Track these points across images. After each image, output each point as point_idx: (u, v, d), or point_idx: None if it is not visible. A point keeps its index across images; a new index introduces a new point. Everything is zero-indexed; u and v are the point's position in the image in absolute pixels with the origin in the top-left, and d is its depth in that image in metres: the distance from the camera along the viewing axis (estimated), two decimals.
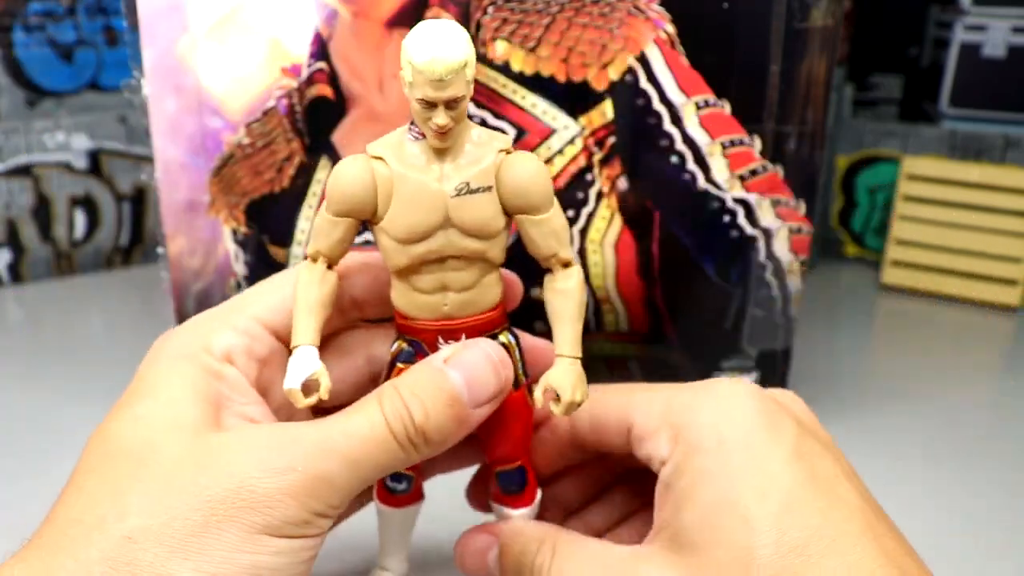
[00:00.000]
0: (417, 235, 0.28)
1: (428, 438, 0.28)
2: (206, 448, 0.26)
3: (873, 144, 0.76)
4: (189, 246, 0.44)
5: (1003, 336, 0.66)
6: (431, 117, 0.26)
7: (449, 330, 0.29)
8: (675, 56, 0.42)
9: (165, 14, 0.41)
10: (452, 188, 0.27)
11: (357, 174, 0.27)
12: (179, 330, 0.30)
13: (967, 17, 0.72)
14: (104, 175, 0.72)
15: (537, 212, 0.28)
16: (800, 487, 0.26)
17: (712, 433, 0.28)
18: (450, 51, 0.25)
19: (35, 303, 0.68)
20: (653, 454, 0.29)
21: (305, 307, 0.28)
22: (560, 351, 0.29)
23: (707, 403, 0.28)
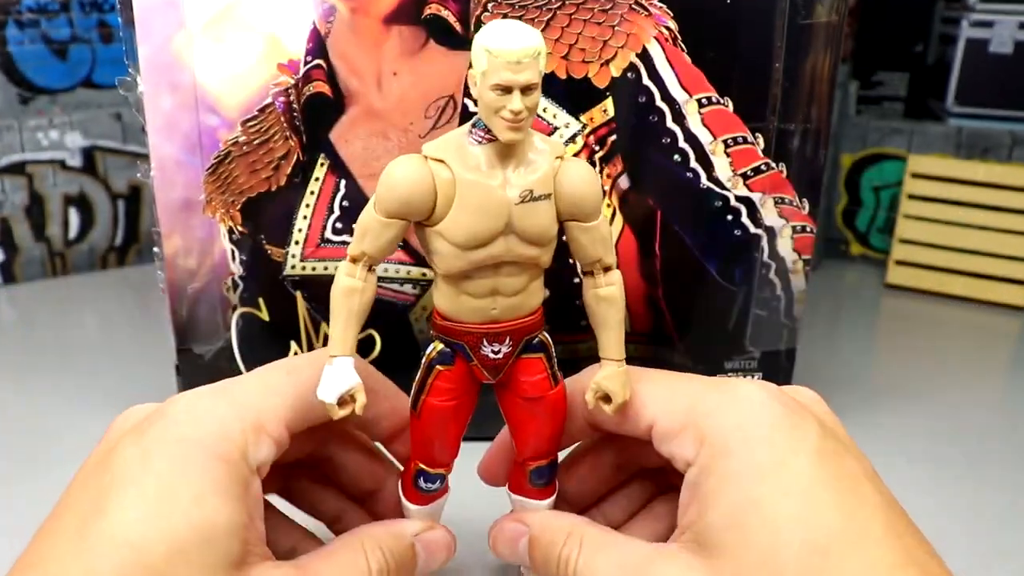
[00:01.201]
0: (479, 241, 0.27)
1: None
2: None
3: (878, 142, 0.75)
4: (185, 245, 0.44)
5: (1009, 336, 0.65)
6: (505, 105, 0.26)
7: (494, 333, 0.29)
8: (677, 53, 0.41)
9: (160, 10, 0.40)
10: (517, 195, 0.27)
11: (416, 176, 0.27)
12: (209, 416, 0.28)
13: (973, 13, 0.72)
14: (99, 173, 0.71)
15: (588, 219, 0.29)
16: (822, 487, 0.26)
17: (737, 435, 0.28)
18: (527, 36, 0.26)
19: (28, 303, 0.68)
20: (677, 454, 0.30)
21: (345, 315, 0.28)
22: (607, 355, 0.30)
23: (731, 405, 0.29)
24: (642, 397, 0.31)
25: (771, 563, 0.25)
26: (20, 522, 0.40)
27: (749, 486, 0.27)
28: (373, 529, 0.32)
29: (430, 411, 0.30)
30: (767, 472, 0.27)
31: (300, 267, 0.44)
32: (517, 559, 0.33)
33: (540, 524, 0.33)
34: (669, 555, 0.28)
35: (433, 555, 0.33)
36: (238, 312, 0.45)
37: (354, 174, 0.43)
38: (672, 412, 0.30)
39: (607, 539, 0.31)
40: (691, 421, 0.29)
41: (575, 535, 0.31)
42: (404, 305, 0.45)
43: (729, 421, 0.29)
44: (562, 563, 0.31)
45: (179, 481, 0.26)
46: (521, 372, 0.31)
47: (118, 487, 0.26)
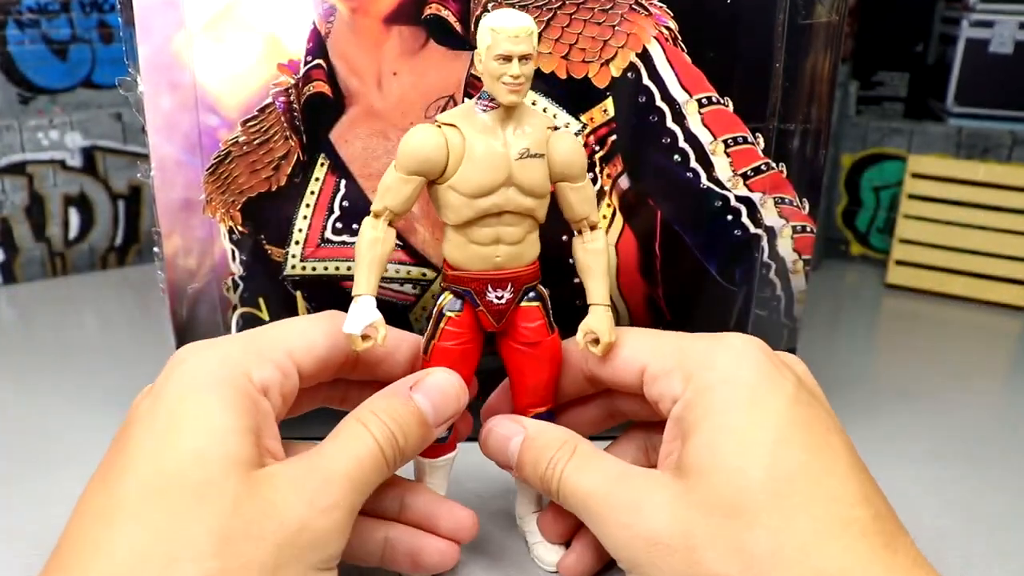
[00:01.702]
0: (485, 190, 0.33)
1: (405, 456, 0.32)
2: (262, 488, 0.28)
3: (878, 142, 0.75)
4: (185, 245, 0.44)
5: (1009, 336, 0.65)
6: (506, 72, 0.31)
7: (497, 279, 0.34)
8: (677, 53, 0.41)
9: (160, 10, 0.40)
10: (515, 152, 0.33)
11: (431, 138, 0.32)
12: (214, 351, 0.31)
13: (974, 13, 0.71)
14: (99, 173, 0.71)
15: (576, 180, 0.35)
16: (795, 426, 0.29)
17: (722, 375, 0.31)
18: (522, 17, 0.32)
19: (28, 303, 0.68)
20: (665, 392, 0.33)
21: (368, 261, 0.33)
22: (594, 300, 0.35)
23: (718, 350, 0.32)
24: (634, 346, 0.34)
25: (739, 483, 0.28)
26: (20, 522, 0.40)
27: (727, 417, 0.30)
28: (371, 400, 0.32)
29: (440, 353, 0.35)
30: (745, 407, 0.30)
31: (300, 267, 0.44)
32: (504, 458, 0.35)
33: (537, 428, 0.35)
34: (649, 476, 0.31)
35: (440, 404, 0.33)
36: (238, 312, 0.45)
37: (354, 174, 0.43)
38: (663, 356, 0.33)
39: (598, 454, 0.33)
40: (679, 363, 0.32)
41: (569, 444, 0.33)
42: (404, 305, 0.45)
43: (715, 362, 0.32)
44: (551, 467, 0.33)
45: (186, 405, 0.29)
46: (521, 319, 0.35)
47: (134, 430, 0.29)
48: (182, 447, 0.28)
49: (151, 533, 0.26)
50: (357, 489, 0.29)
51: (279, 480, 0.28)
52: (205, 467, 0.27)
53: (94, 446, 0.47)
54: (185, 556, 0.25)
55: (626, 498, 0.31)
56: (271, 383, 0.31)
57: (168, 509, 0.26)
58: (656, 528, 0.29)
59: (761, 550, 0.27)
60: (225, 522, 0.26)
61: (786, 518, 0.27)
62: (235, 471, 0.27)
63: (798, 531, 0.27)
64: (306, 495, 0.28)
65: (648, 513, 0.30)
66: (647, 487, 0.31)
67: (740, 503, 0.28)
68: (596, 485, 0.32)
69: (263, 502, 0.27)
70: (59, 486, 0.43)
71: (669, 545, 0.29)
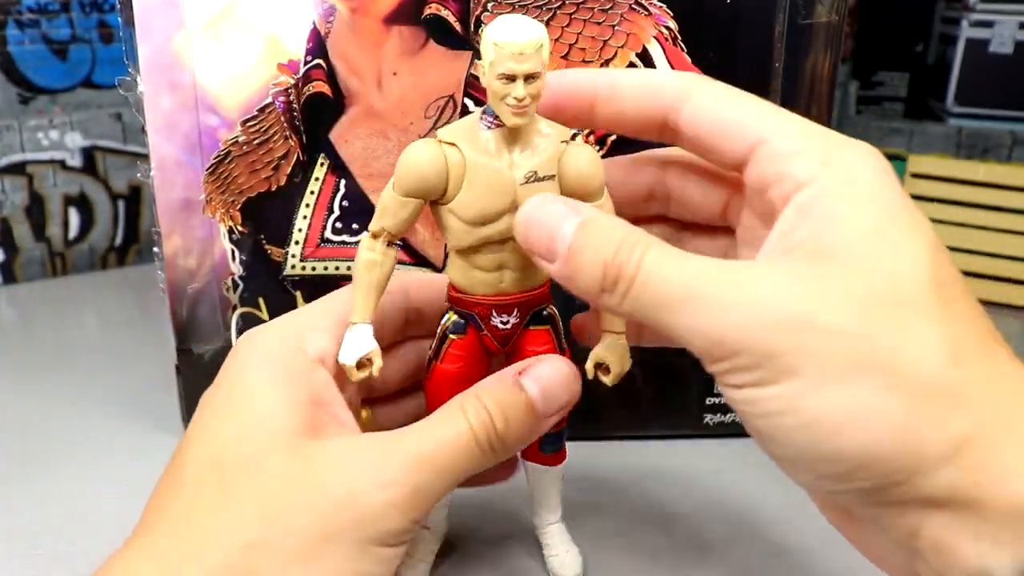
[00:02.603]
0: (487, 218, 0.30)
1: (506, 445, 0.30)
2: (310, 461, 0.28)
3: (878, 142, 0.75)
4: (185, 245, 0.44)
5: (1009, 336, 0.64)
6: (510, 93, 0.28)
7: (503, 304, 0.32)
8: (677, 53, 0.41)
9: (160, 10, 0.40)
10: (521, 176, 0.30)
11: (430, 158, 0.30)
12: (270, 328, 0.32)
13: (974, 13, 0.72)
14: (99, 173, 0.71)
15: (592, 199, 0.31)
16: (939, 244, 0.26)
17: (868, 172, 0.27)
18: (529, 29, 0.28)
19: (28, 303, 0.68)
20: (790, 174, 0.27)
21: (365, 285, 0.31)
22: (606, 327, 0.32)
23: (856, 146, 0.28)
24: (753, 112, 0.29)
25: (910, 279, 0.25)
26: (20, 522, 0.40)
27: (885, 213, 0.26)
28: (480, 383, 0.31)
29: (440, 376, 0.33)
30: (900, 209, 0.26)
31: (300, 267, 0.44)
32: (548, 248, 0.28)
33: (596, 213, 0.28)
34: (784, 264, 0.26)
35: (550, 392, 0.30)
36: (238, 312, 0.45)
37: (354, 174, 0.43)
38: (791, 133, 0.28)
39: (681, 251, 0.26)
40: (814, 146, 0.27)
41: (640, 233, 0.27)
42: None
43: (858, 158, 0.27)
44: (624, 251, 0.26)
45: (240, 384, 0.30)
46: (528, 343, 0.33)
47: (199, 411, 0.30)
48: (233, 423, 0.29)
49: (203, 505, 0.27)
50: (433, 470, 0.28)
51: (331, 452, 0.28)
52: (251, 444, 0.28)
53: (94, 446, 0.48)
54: (227, 525, 0.27)
55: (755, 279, 0.25)
56: (327, 352, 0.31)
57: (218, 482, 0.28)
58: (812, 310, 0.24)
59: (938, 346, 0.24)
60: (268, 493, 0.27)
61: (955, 320, 0.25)
62: (282, 444, 0.28)
63: (968, 335, 0.25)
64: (360, 468, 0.28)
65: (797, 294, 0.25)
66: (782, 271, 0.25)
67: (912, 298, 0.25)
68: (704, 268, 0.26)
69: (310, 473, 0.28)
70: (59, 486, 0.43)
71: (831, 330, 0.24)
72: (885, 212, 0.26)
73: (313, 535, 0.27)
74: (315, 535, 0.27)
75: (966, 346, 0.25)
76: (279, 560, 0.26)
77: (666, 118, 0.30)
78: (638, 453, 0.46)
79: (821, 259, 0.25)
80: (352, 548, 0.27)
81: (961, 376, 0.24)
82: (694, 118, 0.30)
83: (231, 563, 0.26)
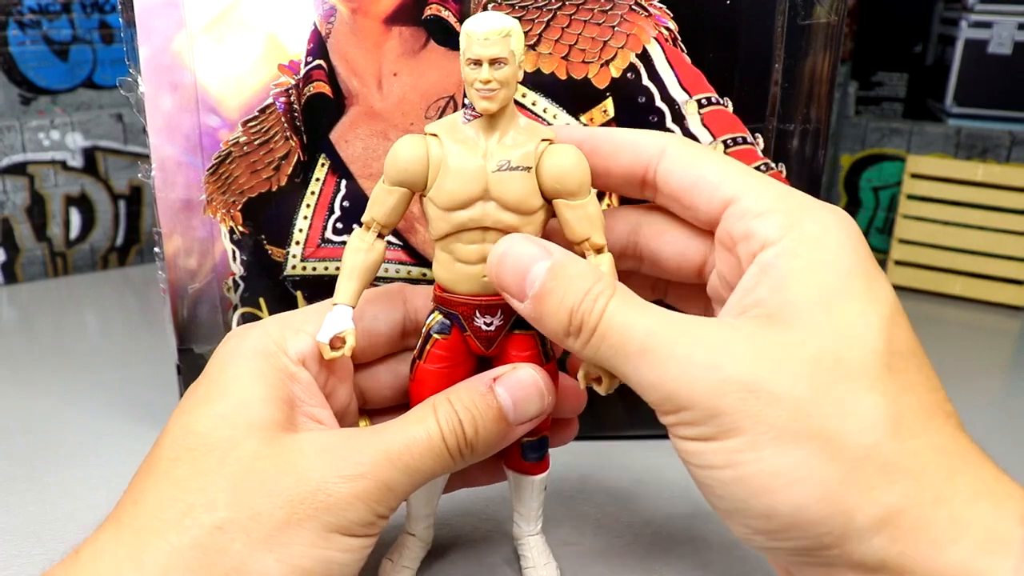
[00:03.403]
0: (458, 203, 0.31)
1: (475, 451, 0.30)
2: (284, 450, 0.29)
3: (877, 142, 0.76)
4: (185, 246, 0.44)
5: (1008, 336, 0.65)
6: (477, 77, 0.29)
7: (486, 305, 0.32)
8: (677, 53, 0.41)
9: (161, 10, 0.40)
10: (494, 164, 0.30)
11: (412, 148, 0.31)
12: (255, 328, 0.33)
13: (972, 14, 0.72)
14: (100, 174, 0.71)
15: (574, 198, 0.31)
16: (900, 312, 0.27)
17: (833, 235, 0.28)
18: (495, 19, 0.30)
19: (30, 303, 0.68)
20: (756, 233, 0.28)
21: (350, 270, 0.32)
22: None
23: (826, 212, 0.29)
24: (726, 173, 0.30)
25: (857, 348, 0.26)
26: (20, 522, 0.40)
27: (842, 279, 0.27)
28: (454, 387, 0.31)
29: (423, 375, 0.33)
30: (860, 275, 0.27)
31: (301, 267, 0.44)
32: (519, 285, 0.29)
33: (566, 255, 0.29)
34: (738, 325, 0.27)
35: (522, 401, 0.31)
36: (239, 312, 0.45)
37: (354, 174, 0.43)
38: (762, 194, 0.29)
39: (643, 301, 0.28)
40: (782, 207, 0.29)
41: (607, 280, 0.28)
42: None
43: (825, 219, 0.28)
44: (588, 299, 0.28)
45: (223, 377, 0.31)
46: (513, 347, 0.33)
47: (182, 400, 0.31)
48: (212, 412, 0.30)
49: (174, 486, 0.28)
50: (399, 468, 0.29)
51: (305, 443, 0.29)
52: (230, 428, 0.29)
53: (94, 445, 0.48)
54: (200, 505, 0.27)
55: (708, 338, 0.26)
56: (309, 354, 0.32)
57: (193, 465, 0.29)
58: (758, 373, 0.25)
59: (879, 415, 0.25)
60: (241, 476, 0.28)
61: (900, 392, 0.26)
62: (259, 433, 0.29)
63: (911, 406, 0.26)
64: (330, 460, 0.29)
65: (744, 356, 0.26)
66: (734, 332, 0.27)
67: (858, 367, 0.26)
68: (660, 324, 0.27)
69: (282, 461, 0.29)
70: (59, 486, 0.43)
71: (774, 394, 0.25)
72: (844, 278, 0.27)
73: (280, 520, 0.28)
74: (282, 520, 0.28)
75: (908, 418, 0.26)
76: (246, 542, 0.27)
77: (645, 174, 0.32)
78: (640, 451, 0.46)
79: (774, 321, 0.27)
80: (318, 534, 0.28)
81: (898, 448, 0.25)
82: (669, 174, 0.31)
83: (199, 543, 0.27)
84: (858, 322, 0.26)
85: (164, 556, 0.27)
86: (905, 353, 0.27)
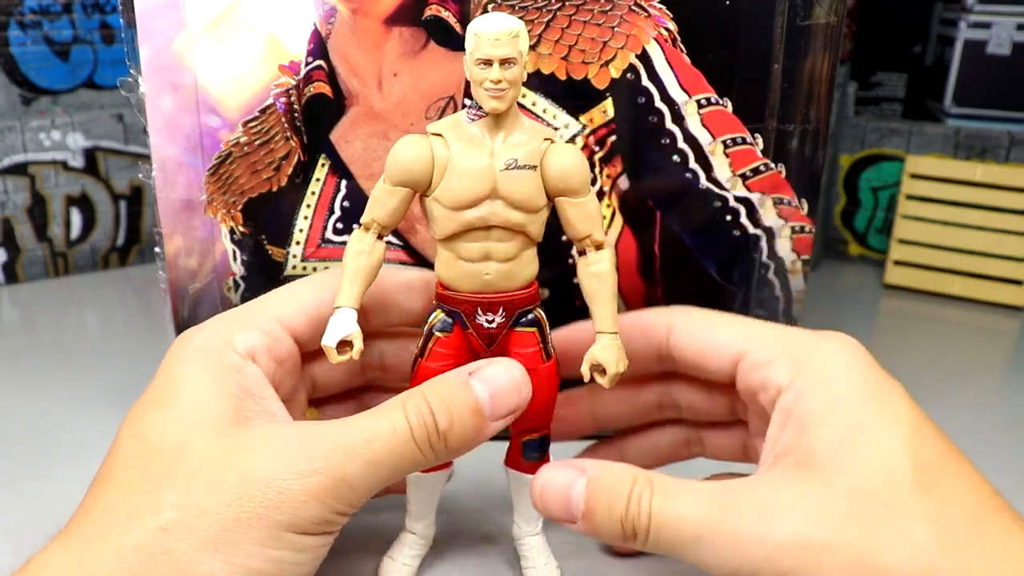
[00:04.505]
0: (466, 202, 0.31)
1: (448, 444, 0.30)
2: (233, 447, 0.28)
3: (877, 143, 0.76)
4: (186, 246, 0.44)
5: (1007, 336, 0.65)
6: (487, 77, 0.30)
7: (488, 302, 0.32)
8: (676, 54, 0.42)
9: (162, 11, 0.40)
10: (502, 163, 0.31)
11: (417, 148, 0.31)
12: (203, 327, 0.33)
13: (971, 14, 0.72)
14: (100, 174, 0.71)
15: (576, 195, 0.32)
16: (922, 419, 0.29)
17: (839, 367, 0.30)
18: (504, 20, 0.30)
19: (30, 303, 0.68)
20: (770, 381, 0.31)
21: (352, 272, 0.32)
22: (601, 328, 0.32)
23: (829, 343, 0.31)
24: (731, 331, 0.33)
25: (890, 476, 0.27)
26: (20, 522, 0.40)
27: (857, 410, 0.28)
28: (429, 381, 0.31)
29: (424, 373, 0.33)
30: (872, 401, 0.29)
31: (301, 267, 0.44)
32: (566, 512, 0.30)
33: (599, 466, 0.30)
34: (773, 481, 0.28)
35: (499, 395, 0.30)
36: None
37: (355, 174, 0.43)
38: (767, 343, 0.31)
39: (680, 483, 0.29)
40: (787, 351, 0.31)
41: (643, 475, 0.29)
42: None
43: (828, 354, 0.30)
44: (634, 504, 0.28)
45: (170, 379, 0.31)
46: (514, 344, 0.33)
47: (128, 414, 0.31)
48: (161, 416, 0.30)
49: (123, 491, 0.28)
50: (358, 463, 0.28)
51: (256, 439, 0.29)
52: (180, 431, 0.29)
53: (94, 446, 0.47)
54: (147, 510, 0.27)
55: (750, 510, 0.27)
56: (257, 348, 0.32)
57: (144, 471, 0.28)
58: (803, 529, 0.27)
59: (926, 538, 0.26)
60: (190, 477, 0.28)
61: (941, 505, 0.27)
62: (209, 430, 0.29)
63: (956, 517, 0.27)
64: (281, 455, 0.28)
65: (787, 517, 0.27)
66: (772, 492, 0.28)
67: (892, 495, 0.27)
68: (704, 508, 0.28)
69: (231, 457, 0.28)
70: (59, 486, 0.43)
71: (824, 544, 0.26)
72: (858, 408, 0.28)
73: (228, 519, 0.27)
74: (230, 519, 0.27)
75: (955, 531, 0.26)
76: (192, 543, 0.27)
77: (659, 352, 0.34)
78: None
79: (805, 468, 0.28)
80: (268, 534, 0.27)
81: (950, 564, 0.26)
82: (680, 347, 0.34)
83: (144, 545, 0.26)
84: (881, 451, 0.28)
85: (108, 560, 0.26)
86: (935, 464, 0.28)
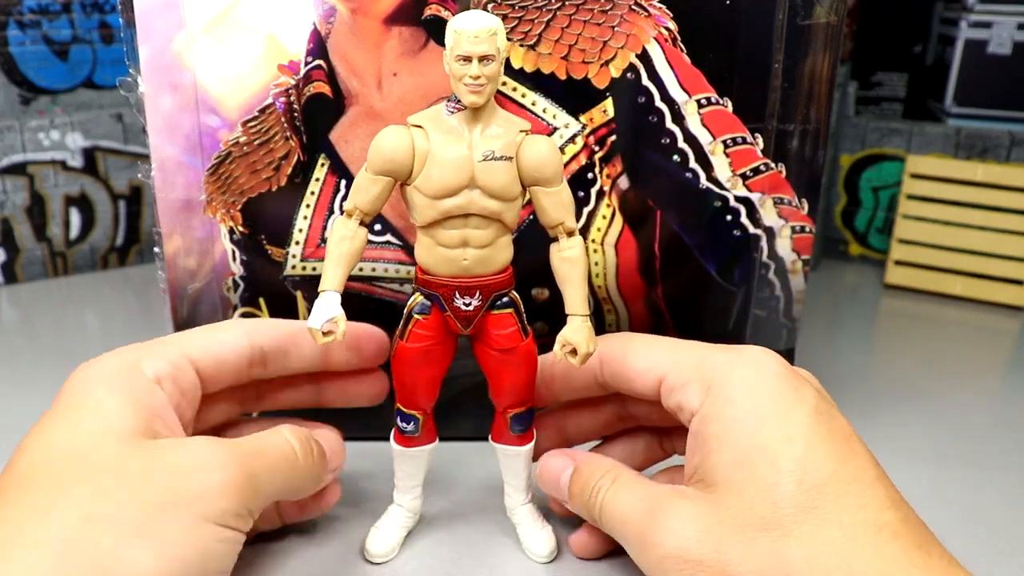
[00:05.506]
0: (446, 191, 0.32)
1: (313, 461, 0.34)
2: (146, 449, 0.29)
3: (877, 142, 0.76)
4: (185, 246, 0.44)
5: (1008, 336, 0.65)
6: (467, 73, 0.31)
7: (465, 286, 0.34)
8: (677, 53, 0.42)
9: (161, 11, 0.40)
10: (479, 154, 0.32)
11: (398, 139, 0.32)
12: (108, 356, 0.34)
13: (972, 14, 0.72)
14: (100, 174, 0.71)
15: (550, 185, 0.33)
16: (820, 437, 0.30)
17: (742, 388, 0.31)
18: (483, 18, 0.31)
19: (30, 303, 0.68)
20: (684, 404, 0.33)
21: (336, 257, 0.33)
22: (572, 311, 0.34)
23: (737, 362, 0.32)
24: (652, 356, 0.35)
25: (771, 498, 0.28)
26: None
27: (753, 431, 0.30)
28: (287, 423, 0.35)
29: (403, 353, 0.35)
30: (770, 420, 0.30)
31: (300, 267, 0.44)
32: (557, 490, 0.37)
33: (585, 459, 0.36)
34: (680, 493, 0.32)
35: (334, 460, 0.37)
36: (239, 312, 0.45)
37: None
38: (681, 367, 0.33)
39: (636, 480, 0.34)
40: (699, 374, 0.33)
41: (612, 473, 0.35)
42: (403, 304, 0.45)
43: (734, 374, 0.32)
44: (593, 493, 0.34)
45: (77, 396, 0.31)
46: (493, 326, 0.35)
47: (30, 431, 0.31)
48: (69, 426, 0.30)
49: (36, 493, 0.28)
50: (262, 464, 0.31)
51: (171, 443, 0.30)
52: (89, 437, 0.29)
53: None
54: (63, 502, 0.27)
55: (656, 518, 0.31)
56: (163, 375, 0.33)
57: (53, 475, 0.28)
58: (686, 545, 0.29)
59: (795, 559, 0.27)
60: (104, 476, 0.28)
61: (818, 527, 0.28)
62: (117, 436, 0.29)
63: (831, 539, 0.28)
64: (198, 453, 0.30)
65: (677, 530, 0.30)
66: (674, 505, 0.31)
67: (773, 517, 0.28)
68: (630, 508, 0.33)
69: (146, 455, 0.29)
70: None
71: (700, 561, 0.29)
72: (757, 431, 0.30)
73: (151, 507, 0.28)
74: (153, 507, 0.28)
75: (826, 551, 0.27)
76: (118, 532, 0.27)
77: (596, 380, 0.37)
78: None
79: (707, 487, 0.30)
80: (192, 523, 0.28)
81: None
82: (611, 375, 0.36)
83: (68, 536, 0.26)
84: (771, 471, 0.29)
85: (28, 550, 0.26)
86: (823, 484, 0.28)
